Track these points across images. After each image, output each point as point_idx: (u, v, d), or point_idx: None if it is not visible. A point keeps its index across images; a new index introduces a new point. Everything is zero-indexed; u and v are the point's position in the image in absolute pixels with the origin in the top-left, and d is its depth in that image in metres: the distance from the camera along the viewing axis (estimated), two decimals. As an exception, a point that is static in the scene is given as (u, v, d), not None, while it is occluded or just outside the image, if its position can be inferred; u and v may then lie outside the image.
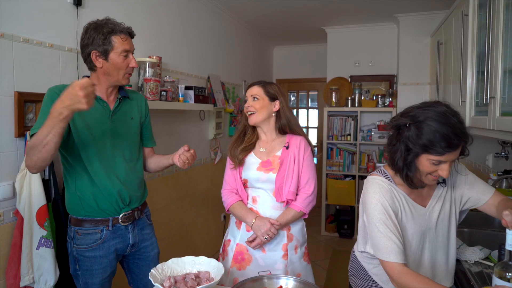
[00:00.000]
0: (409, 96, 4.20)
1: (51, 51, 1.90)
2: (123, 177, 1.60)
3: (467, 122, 2.14)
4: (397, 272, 1.18)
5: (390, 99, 4.37)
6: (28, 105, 1.77)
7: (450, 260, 1.38)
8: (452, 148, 1.13)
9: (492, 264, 1.49)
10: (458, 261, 1.53)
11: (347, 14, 4.19)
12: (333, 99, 4.59)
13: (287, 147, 1.69)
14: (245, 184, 1.71)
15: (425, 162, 1.17)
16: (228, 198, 1.73)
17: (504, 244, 1.13)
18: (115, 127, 1.59)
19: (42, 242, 1.68)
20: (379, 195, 1.26)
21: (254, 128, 1.76)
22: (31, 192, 1.69)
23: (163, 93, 2.52)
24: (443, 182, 1.32)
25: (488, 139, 2.79)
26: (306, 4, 3.80)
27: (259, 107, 1.67)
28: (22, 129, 1.73)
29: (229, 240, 1.75)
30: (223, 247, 1.78)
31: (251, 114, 1.69)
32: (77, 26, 2.04)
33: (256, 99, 1.68)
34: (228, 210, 1.73)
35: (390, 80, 4.60)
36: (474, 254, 1.52)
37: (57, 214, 1.81)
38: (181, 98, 2.77)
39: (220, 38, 3.98)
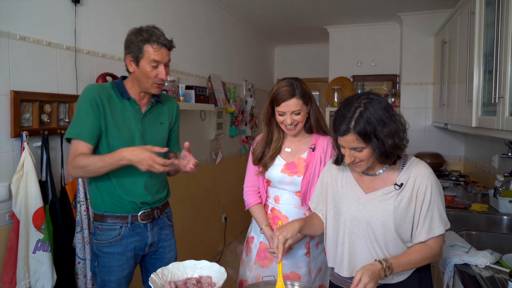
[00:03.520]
0: (413, 96, 4.16)
1: (48, 49, 1.86)
2: (146, 179, 1.60)
3: (474, 123, 2.10)
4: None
5: (393, 99, 4.33)
6: (24, 105, 1.73)
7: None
8: (336, 131, 1.22)
9: (504, 269, 1.44)
10: (467, 265, 1.49)
11: (349, 13, 4.15)
12: (335, 99, 4.54)
13: (313, 149, 1.62)
14: (268, 183, 1.70)
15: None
16: (249, 198, 1.73)
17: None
18: (144, 129, 1.61)
19: (38, 245, 1.64)
20: (324, 168, 1.49)
21: (279, 128, 1.65)
22: (28, 194, 1.65)
23: (163, 92, 2.48)
24: (400, 185, 1.25)
25: (494, 139, 2.75)
26: (308, 3, 3.76)
27: (301, 119, 1.57)
28: (19, 129, 1.69)
29: (253, 237, 1.76)
30: (246, 243, 1.80)
31: (293, 128, 1.58)
32: (75, 24, 2.00)
33: (297, 114, 1.56)
34: (247, 209, 1.76)
35: (392, 80, 4.56)
36: (484, 259, 1.47)
37: (54, 217, 1.77)
38: (181, 97, 2.73)
39: (221, 37, 3.94)
